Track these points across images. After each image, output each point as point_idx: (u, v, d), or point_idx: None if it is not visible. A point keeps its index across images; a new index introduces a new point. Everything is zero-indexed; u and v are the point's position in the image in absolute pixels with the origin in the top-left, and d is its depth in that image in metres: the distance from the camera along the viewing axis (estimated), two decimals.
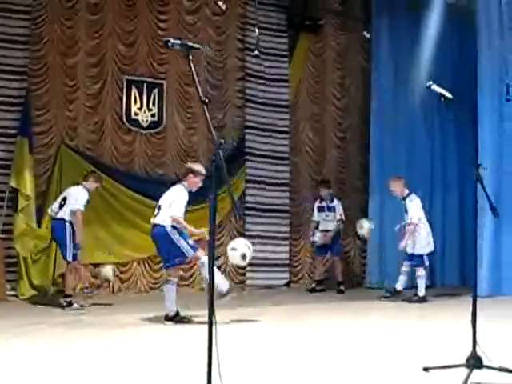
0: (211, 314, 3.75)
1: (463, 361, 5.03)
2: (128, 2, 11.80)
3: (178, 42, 4.10)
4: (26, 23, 10.87)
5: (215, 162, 3.79)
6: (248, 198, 12.64)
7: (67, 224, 9.64)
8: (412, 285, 11.57)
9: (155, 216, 8.24)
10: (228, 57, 12.73)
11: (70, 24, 11.36)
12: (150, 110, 11.95)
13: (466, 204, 12.76)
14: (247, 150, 12.65)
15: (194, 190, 8.37)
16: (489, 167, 11.28)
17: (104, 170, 11.36)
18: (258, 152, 12.71)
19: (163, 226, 8.11)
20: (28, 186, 10.47)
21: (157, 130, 12.00)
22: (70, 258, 9.58)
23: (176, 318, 8.12)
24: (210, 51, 3.68)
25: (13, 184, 10.42)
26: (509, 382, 4.85)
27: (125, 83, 11.78)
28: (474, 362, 4.96)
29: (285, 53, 13.13)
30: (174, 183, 8.68)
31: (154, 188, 11.39)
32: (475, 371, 4.93)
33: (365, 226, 11.69)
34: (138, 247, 11.51)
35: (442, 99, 5.33)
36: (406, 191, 10.83)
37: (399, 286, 10.85)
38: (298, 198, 13.31)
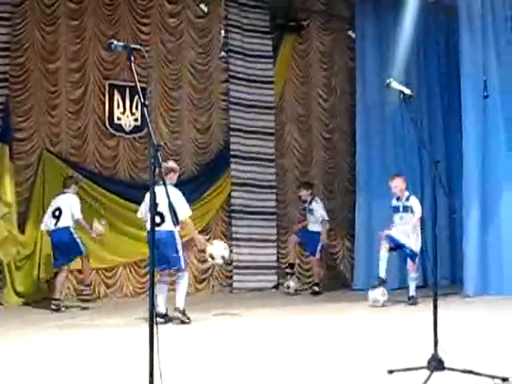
0: (152, 315, 3.71)
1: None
2: (109, 7, 11.77)
3: (121, 44, 4.03)
4: (7, 30, 10.80)
5: (153, 166, 3.70)
6: (234, 201, 12.58)
7: (73, 230, 9.91)
8: (403, 285, 11.56)
9: (160, 224, 8.10)
10: (211, 59, 12.68)
11: (51, 30, 11.33)
12: (132, 114, 11.91)
13: (455, 202, 12.66)
14: (232, 153, 12.58)
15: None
16: (472, 167, 11.25)
17: (87, 175, 11.36)
18: (243, 154, 12.66)
19: (171, 231, 8.16)
20: (9, 192, 10.44)
21: (140, 134, 11.94)
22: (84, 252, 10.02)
23: (165, 318, 8.29)
24: (145, 53, 3.60)
25: None
26: None
27: (107, 88, 11.74)
28: (436, 364, 4.89)
29: (269, 54, 13.09)
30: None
31: (138, 193, 11.34)
32: (438, 373, 4.87)
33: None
34: (123, 252, 11.51)
35: (402, 96, 5.25)
36: (406, 191, 10.57)
37: (383, 273, 10.35)
38: (284, 201, 13.27)
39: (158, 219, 8.13)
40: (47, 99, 11.27)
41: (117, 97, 11.81)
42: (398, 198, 10.52)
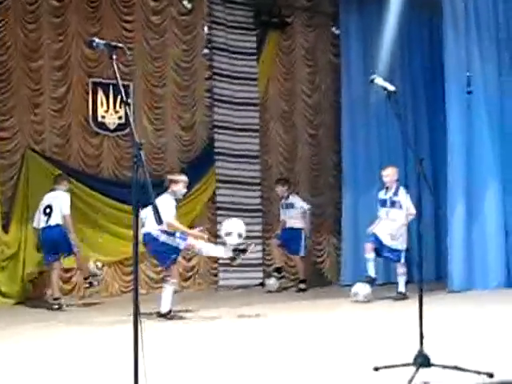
0: (136, 313, 3.68)
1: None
2: (92, 4, 11.67)
3: (102, 41, 4.00)
4: None
5: (136, 164, 3.67)
6: (219, 198, 12.55)
7: (63, 228, 9.92)
8: (388, 281, 11.60)
9: (142, 226, 8.28)
10: (195, 56, 12.64)
11: (33, 27, 11.25)
12: (116, 112, 11.83)
13: (440, 198, 12.69)
14: (217, 150, 12.55)
15: (180, 197, 8.97)
16: (456, 163, 11.28)
17: (71, 173, 11.25)
18: (228, 151, 12.63)
19: (150, 233, 8.33)
20: None
21: (124, 132, 11.87)
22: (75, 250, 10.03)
23: (168, 316, 8.39)
24: (127, 51, 3.57)
25: None
26: (459, 381, 4.78)
27: (90, 86, 11.67)
28: (422, 360, 4.89)
29: (253, 51, 13.05)
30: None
31: (122, 191, 11.38)
32: (424, 370, 4.87)
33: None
34: (108, 251, 11.47)
35: (386, 92, 5.23)
36: (396, 184, 10.55)
37: (372, 272, 10.42)
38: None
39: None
40: (30, 98, 11.19)
41: (100, 95, 11.73)
42: (387, 190, 10.48)
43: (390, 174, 10.45)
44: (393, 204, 10.39)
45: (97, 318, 8.82)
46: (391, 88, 5.23)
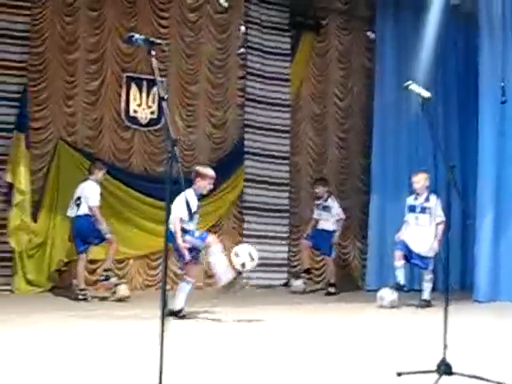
0: (164, 311, 3.70)
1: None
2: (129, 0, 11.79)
3: (142, 37, 4.04)
4: (27, 19, 10.89)
5: (170, 159, 3.70)
6: (246, 198, 12.59)
7: (91, 218, 9.98)
8: (412, 288, 11.53)
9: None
10: (230, 55, 12.68)
11: (71, 20, 11.35)
12: (149, 107, 11.92)
13: (468, 207, 12.61)
14: (246, 149, 12.59)
15: (204, 192, 8.57)
16: (487, 172, 11.21)
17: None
18: (257, 151, 12.66)
19: (170, 230, 8.08)
20: (23, 180, 10.48)
21: (156, 127, 11.96)
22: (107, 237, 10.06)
23: (179, 314, 8.20)
24: (166, 47, 3.60)
25: (8, 179, 10.44)
26: None
27: (124, 80, 11.76)
28: (444, 368, 4.88)
29: (287, 51, 13.07)
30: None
31: (151, 186, 11.50)
32: (446, 378, 4.86)
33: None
34: (135, 245, 11.53)
35: (420, 99, 5.23)
36: (427, 190, 10.44)
37: (402, 279, 10.32)
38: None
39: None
40: (64, 89, 11.30)
41: (134, 89, 11.82)
42: (417, 196, 10.42)
43: (420, 181, 10.36)
44: (423, 210, 10.31)
45: (119, 312, 8.85)
46: (426, 94, 5.22)
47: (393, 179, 12.84)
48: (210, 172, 8.61)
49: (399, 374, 5.07)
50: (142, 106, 11.85)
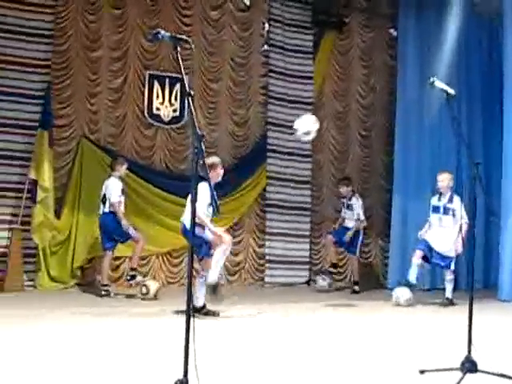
0: (189, 307, 3.71)
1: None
2: None
3: (168, 34, 4.06)
4: (51, 17, 10.95)
5: (197, 155, 3.71)
6: (268, 195, 12.58)
7: (116, 216, 10.06)
8: (434, 287, 11.49)
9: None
10: (252, 53, 12.69)
11: (94, 18, 11.42)
12: (171, 105, 11.96)
13: (492, 205, 12.53)
14: (269, 147, 12.58)
15: (219, 180, 8.42)
16: None
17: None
18: (279, 149, 12.63)
19: (185, 224, 8.23)
20: (47, 177, 10.55)
21: (178, 125, 12.00)
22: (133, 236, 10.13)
23: (202, 311, 8.16)
24: (192, 44, 3.58)
25: (32, 176, 10.51)
26: None
27: (147, 78, 11.81)
28: (469, 366, 4.87)
29: (309, 49, 13.04)
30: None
31: (174, 183, 11.56)
32: (471, 375, 4.85)
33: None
34: (157, 241, 11.55)
35: (446, 95, 5.21)
36: (450, 191, 10.39)
37: (413, 278, 10.19)
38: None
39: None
40: (87, 87, 11.37)
41: (156, 87, 11.87)
42: (440, 197, 10.35)
43: (445, 180, 10.30)
44: (446, 211, 10.24)
45: (142, 308, 8.89)
46: (451, 91, 5.21)
47: (415, 177, 12.79)
48: (217, 159, 8.64)
49: (422, 372, 5.07)
50: (164, 104, 11.89)
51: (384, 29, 13.70)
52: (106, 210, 10.10)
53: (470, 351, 4.95)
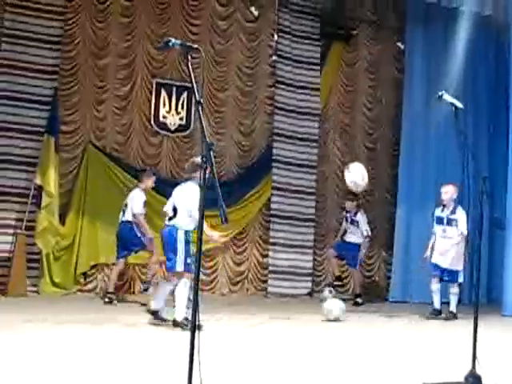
0: (195, 317, 3.67)
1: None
2: (161, 6, 11.87)
3: (179, 42, 4.07)
4: (59, 24, 11.01)
5: (206, 164, 3.71)
6: (273, 206, 12.56)
7: (134, 225, 10.12)
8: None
9: (171, 218, 8.11)
10: (259, 63, 12.71)
11: (102, 26, 11.48)
12: (178, 113, 11.99)
13: (497, 219, 12.52)
14: (274, 158, 12.57)
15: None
16: None
17: (130, 171, 11.44)
18: (285, 159, 12.63)
19: (176, 228, 7.96)
20: (52, 183, 10.57)
21: (184, 133, 12.02)
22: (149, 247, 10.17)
23: (155, 315, 8.07)
24: (203, 53, 3.59)
25: (38, 181, 10.52)
26: None
27: (154, 86, 11.85)
28: (473, 380, 4.85)
29: (316, 61, 13.06)
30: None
31: None
32: None
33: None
34: (160, 249, 11.51)
35: (453, 109, 5.22)
36: (453, 203, 10.37)
37: (438, 304, 10.40)
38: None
39: (171, 213, 8.09)
40: (95, 94, 11.41)
41: (163, 95, 11.90)
42: (444, 207, 10.34)
43: (448, 192, 10.31)
44: (449, 222, 10.24)
45: (141, 317, 8.79)
46: (459, 105, 5.22)
47: (420, 190, 12.80)
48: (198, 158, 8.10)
49: None
50: (171, 112, 11.92)
51: (391, 42, 13.71)
52: (125, 218, 10.15)
53: (474, 366, 4.92)
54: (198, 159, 8.26)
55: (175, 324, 7.77)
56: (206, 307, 8.26)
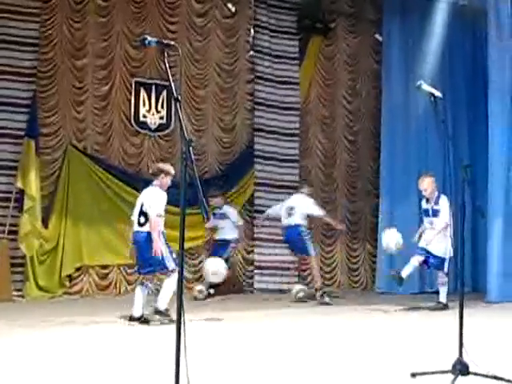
0: (180, 313, 3.65)
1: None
2: (137, 5, 11.83)
3: (155, 39, 4.05)
4: (36, 25, 10.97)
5: (185, 160, 3.69)
6: (257, 201, 12.57)
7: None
8: (423, 290, 11.49)
9: (142, 224, 8.07)
10: (238, 59, 12.70)
11: (79, 26, 11.43)
12: (158, 112, 11.96)
13: (479, 207, 12.55)
14: (256, 153, 12.59)
15: (164, 190, 8.30)
16: (498, 172, 11.19)
17: (112, 171, 11.42)
18: (267, 155, 12.66)
19: (148, 233, 7.98)
20: (33, 186, 10.51)
21: (165, 132, 11.99)
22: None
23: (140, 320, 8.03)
24: (179, 49, 3.56)
25: (19, 185, 10.46)
26: None
27: (133, 85, 11.80)
28: (461, 368, 4.86)
29: (295, 55, 13.11)
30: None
31: None
32: (462, 378, 4.84)
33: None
34: None
35: (432, 98, 5.23)
36: (436, 192, 10.22)
37: (405, 273, 10.06)
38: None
39: (142, 219, 8.08)
40: (73, 95, 11.35)
41: (143, 94, 11.86)
42: (428, 200, 10.33)
43: (428, 187, 10.14)
44: (435, 213, 10.19)
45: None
46: (438, 94, 5.22)
47: (402, 181, 12.82)
48: (172, 170, 8.44)
49: (413, 375, 5.05)
50: (151, 111, 11.89)
51: (369, 34, 13.77)
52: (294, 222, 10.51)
53: (461, 354, 4.94)
54: (161, 165, 8.63)
55: (156, 312, 7.90)
56: (192, 304, 8.38)
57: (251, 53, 12.56)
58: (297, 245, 10.90)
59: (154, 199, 8.07)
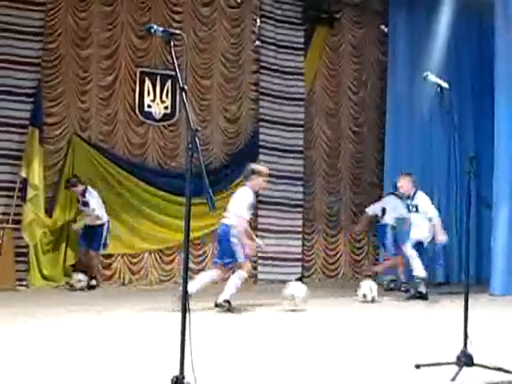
0: (185, 302, 3.65)
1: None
2: None
3: (161, 28, 4.03)
4: (40, 15, 10.93)
5: (191, 150, 3.68)
6: (261, 191, 12.51)
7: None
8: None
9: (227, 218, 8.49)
10: (243, 49, 12.66)
11: (84, 16, 11.40)
12: (163, 102, 11.93)
13: (485, 198, 12.55)
14: (261, 143, 12.56)
15: (258, 190, 8.95)
16: (503, 163, 11.16)
17: (116, 161, 11.41)
18: (271, 145, 12.63)
19: (228, 226, 8.39)
20: (37, 176, 10.51)
21: (170, 122, 11.97)
22: None
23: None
24: (185, 38, 3.55)
25: (23, 174, 10.47)
26: (501, 380, 4.74)
27: (138, 75, 11.78)
28: (465, 359, 4.85)
29: (300, 46, 13.04)
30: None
31: (166, 180, 11.55)
32: (467, 369, 4.83)
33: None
34: (150, 239, 11.57)
35: (439, 89, 5.20)
36: (413, 189, 10.35)
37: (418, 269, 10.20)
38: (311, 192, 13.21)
39: (227, 214, 8.56)
40: (78, 85, 11.34)
41: (147, 84, 11.83)
42: (408, 197, 10.39)
43: (403, 186, 10.35)
44: (415, 209, 10.24)
45: (135, 306, 8.80)
46: (444, 85, 5.20)
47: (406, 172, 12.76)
48: (265, 170, 8.93)
49: (418, 367, 5.04)
50: (155, 101, 11.86)
51: (375, 25, 13.72)
52: None
53: (465, 345, 4.93)
54: (254, 165, 9.02)
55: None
56: (196, 294, 8.37)
57: (257, 43, 12.51)
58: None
59: (239, 200, 8.44)
